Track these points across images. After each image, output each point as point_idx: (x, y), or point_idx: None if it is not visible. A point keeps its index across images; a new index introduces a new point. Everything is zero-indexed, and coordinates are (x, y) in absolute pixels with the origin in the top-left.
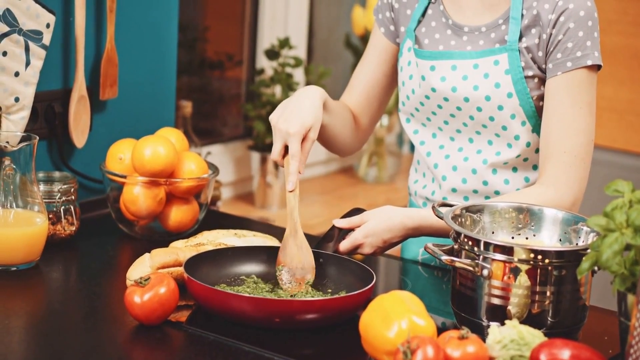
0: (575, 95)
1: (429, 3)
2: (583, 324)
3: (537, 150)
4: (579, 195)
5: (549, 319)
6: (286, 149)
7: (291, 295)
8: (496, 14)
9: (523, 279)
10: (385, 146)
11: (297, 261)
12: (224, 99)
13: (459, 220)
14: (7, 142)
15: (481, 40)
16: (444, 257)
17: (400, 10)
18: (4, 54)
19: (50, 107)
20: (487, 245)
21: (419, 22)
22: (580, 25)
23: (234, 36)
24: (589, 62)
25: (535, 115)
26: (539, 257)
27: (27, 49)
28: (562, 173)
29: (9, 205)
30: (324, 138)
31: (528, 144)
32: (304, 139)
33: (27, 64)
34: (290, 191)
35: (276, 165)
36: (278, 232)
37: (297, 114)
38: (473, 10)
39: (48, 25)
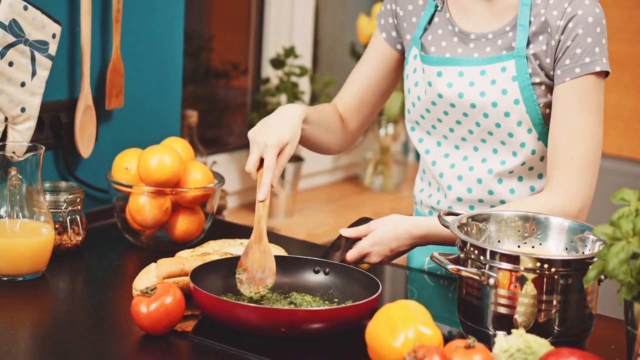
0: (583, 102)
1: (435, 11)
2: (590, 333)
3: (542, 159)
4: (587, 201)
5: (556, 327)
6: (262, 162)
7: (294, 304)
8: (503, 21)
9: (529, 288)
10: (390, 155)
11: (258, 265)
12: (229, 108)
13: (465, 229)
14: (14, 153)
15: (488, 47)
16: (450, 267)
17: (405, 17)
18: (10, 64)
19: (57, 117)
20: (493, 254)
21: (425, 29)
22: (589, 32)
23: (240, 45)
24: (598, 69)
25: (542, 123)
26: (546, 266)
27: (33, 59)
28: (571, 179)
29: (15, 215)
30: (308, 145)
31: (533, 152)
32: (280, 153)
33: (33, 74)
34: (261, 201)
35: (281, 175)
36: (284, 242)
37: (275, 128)
38: (480, 18)
39: (54, 36)
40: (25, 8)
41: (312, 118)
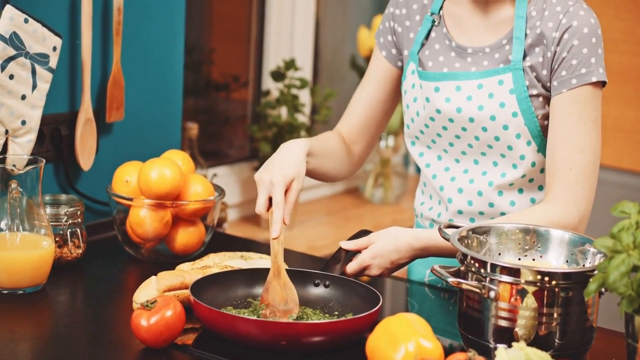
0: (580, 112)
1: (432, 26)
2: (590, 346)
3: (542, 171)
4: (586, 212)
5: (557, 340)
6: (270, 201)
7: (296, 318)
8: (500, 34)
9: (530, 301)
10: (391, 167)
11: (280, 298)
12: (229, 120)
13: (466, 241)
14: (14, 166)
15: (485, 60)
16: (451, 279)
17: (403, 34)
18: (11, 77)
19: (57, 130)
20: (493, 267)
21: (423, 45)
22: (584, 42)
23: (240, 58)
24: (594, 79)
25: (541, 135)
26: (546, 278)
27: (33, 72)
28: (569, 190)
29: (15, 228)
30: (315, 176)
31: (533, 164)
32: (287, 190)
33: (34, 87)
34: (275, 238)
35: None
36: (285, 255)
37: (279, 165)
38: (476, 32)
39: (55, 49)
40: (26, 21)
41: (315, 150)
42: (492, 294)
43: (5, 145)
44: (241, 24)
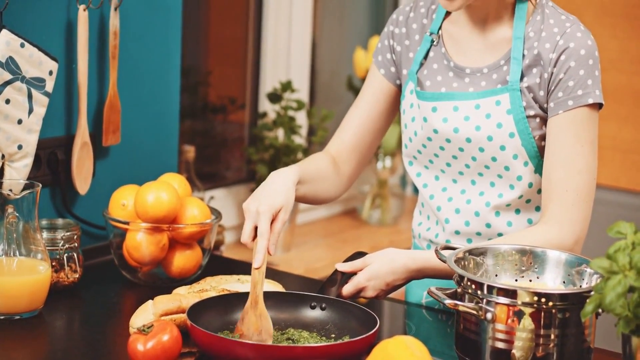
0: (577, 134)
1: (430, 46)
2: None
3: (539, 191)
4: (582, 234)
5: None
6: (256, 230)
7: (291, 340)
8: (498, 55)
9: (527, 322)
10: (388, 188)
11: (255, 328)
12: (226, 142)
13: (462, 263)
14: (10, 190)
15: (483, 81)
16: (448, 301)
17: (402, 53)
18: (7, 101)
19: (53, 154)
20: (490, 288)
21: (421, 64)
22: (581, 64)
23: (237, 80)
24: (590, 101)
25: (538, 156)
26: (543, 300)
27: (30, 96)
28: (565, 212)
29: (12, 253)
30: (305, 202)
31: (530, 185)
32: (274, 220)
33: (30, 111)
34: (256, 268)
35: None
36: (282, 277)
37: (267, 195)
38: (475, 52)
39: (51, 73)
40: (22, 45)
41: (305, 177)
42: (489, 315)
43: (2, 169)
44: (237, 46)
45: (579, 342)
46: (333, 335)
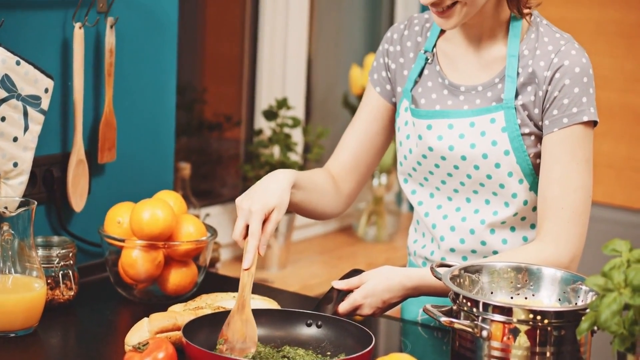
0: (572, 152)
1: (425, 64)
2: None
3: (534, 209)
4: (578, 251)
5: None
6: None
7: (286, 358)
8: (492, 73)
9: (523, 340)
10: (384, 205)
11: (240, 335)
12: (222, 159)
13: (458, 280)
14: (6, 208)
15: (478, 99)
16: (443, 319)
17: (397, 71)
18: (3, 119)
19: (49, 171)
20: (485, 306)
21: (416, 82)
22: (576, 82)
23: (232, 97)
24: (585, 118)
25: (533, 173)
26: (538, 317)
27: (25, 114)
28: (561, 229)
29: (7, 270)
30: (302, 211)
31: (525, 202)
32: (266, 220)
33: (26, 129)
34: (246, 269)
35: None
36: (277, 295)
37: (261, 194)
38: (469, 70)
39: (46, 90)
40: (18, 63)
41: (302, 183)
42: (484, 333)
43: None
44: (233, 63)
45: (575, 359)
46: (329, 353)
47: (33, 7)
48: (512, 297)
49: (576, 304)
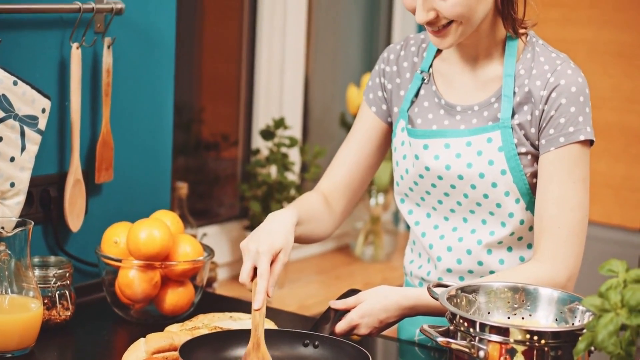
0: (568, 171)
1: (421, 84)
2: None
3: (530, 229)
4: (575, 271)
5: None
6: (255, 271)
7: None
8: (489, 92)
9: None
10: (381, 224)
11: None
12: (219, 179)
13: (455, 300)
14: (2, 228)
15: (474, 118)
16: (440, 339)
17: (393, 91)
18: (0, 139)
19: (46, 191)
20: (482, 326)
21: (412, 102)
22: (572, 101)
23: (230, 117)
24: (582, 137)
25: (529, 193)
26: (535, 337)
27: (22, 134)
28: (558, 249)
29: (3, 290)
30: (299, 242)
31: (522, 222)
32: (273, 261)
33: (23, 149)
34: (257, 310)
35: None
36: (274, 315)
37: (266, 236)
38: (465, 90)
39: (43, 110)
40: (15, 83)
41: (302, 219)
42: (481, 353)
43: None
44: (230, 83)
45: None
46: None
47: (30, 27)
48: (509, 317)
49: (573, 324)
